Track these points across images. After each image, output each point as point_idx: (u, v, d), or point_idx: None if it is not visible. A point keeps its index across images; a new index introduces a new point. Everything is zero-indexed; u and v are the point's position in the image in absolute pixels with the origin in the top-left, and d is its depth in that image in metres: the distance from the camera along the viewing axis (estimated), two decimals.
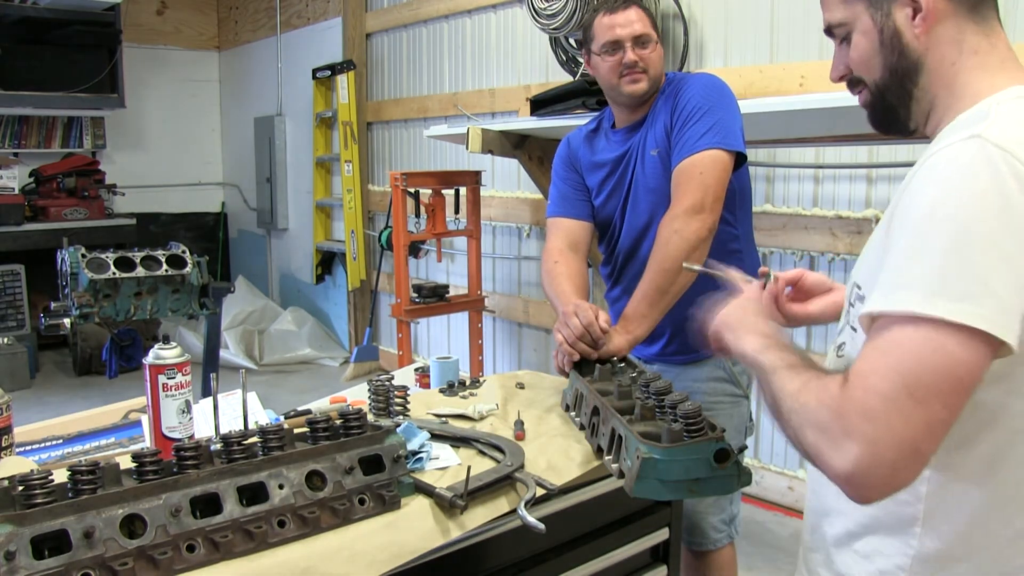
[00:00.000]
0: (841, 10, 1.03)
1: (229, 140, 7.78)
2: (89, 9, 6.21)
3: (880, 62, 1.01)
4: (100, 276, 3.14)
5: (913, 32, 0.97)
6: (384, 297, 5.62)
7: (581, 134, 2.19)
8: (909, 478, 0.85)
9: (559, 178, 2.18)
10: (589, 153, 2.14)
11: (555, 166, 2.21)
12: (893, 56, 0.99)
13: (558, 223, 2.14)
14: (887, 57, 1.00)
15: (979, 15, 0.97)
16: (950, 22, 0.97)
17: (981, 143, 0.85)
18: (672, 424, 1.29)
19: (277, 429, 1.24)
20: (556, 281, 2.01)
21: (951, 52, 0.97)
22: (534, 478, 1.37)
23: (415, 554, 1.24)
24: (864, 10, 1.00)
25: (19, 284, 5.83)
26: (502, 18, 4.67)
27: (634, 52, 1.95)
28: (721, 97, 1.93)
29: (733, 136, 1.88)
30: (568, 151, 2.19)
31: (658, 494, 1.26)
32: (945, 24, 0.96)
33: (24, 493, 1.05)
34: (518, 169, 4.40)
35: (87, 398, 5.09)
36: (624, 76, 1.97)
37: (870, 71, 1.02)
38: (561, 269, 2.03)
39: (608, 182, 2.08)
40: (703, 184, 1.84)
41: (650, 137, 2.00)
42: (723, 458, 1.23)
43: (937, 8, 0.96)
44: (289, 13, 6.65)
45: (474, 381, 1.97)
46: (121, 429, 1.74)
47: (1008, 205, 0.82)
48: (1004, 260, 0.82)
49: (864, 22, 1.01)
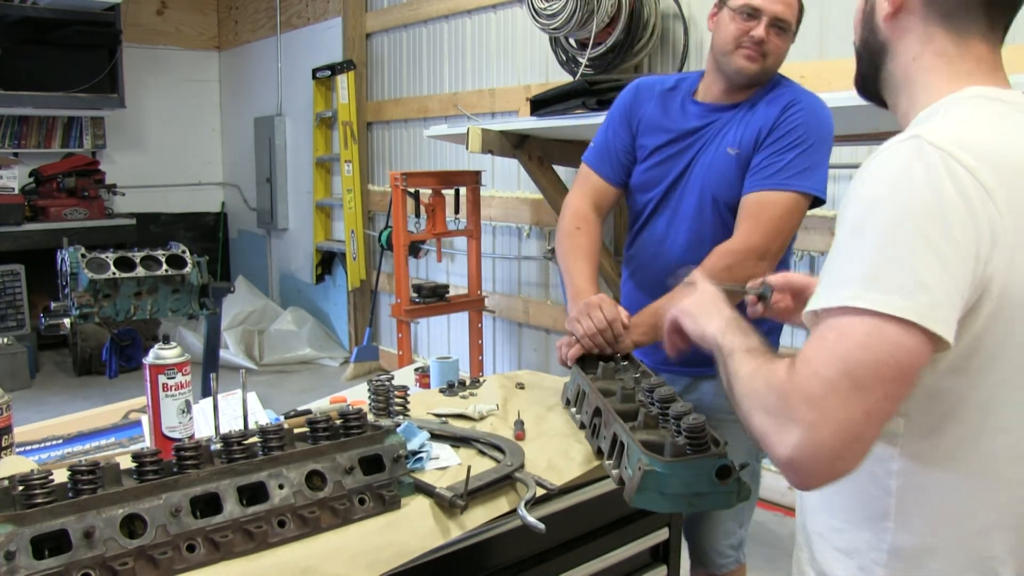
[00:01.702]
0: None
1: (229, 140, 7.78)
2: (89, 9, 6.21)
3: (859, 28, 1.09)
4: (100, 276, 3.14)
5: (882, 12, 1.02)
6: (384, 297, 5.62)
7: (656, 88, 1.97)
8: (850, 465, 0.86)
9: (610, 128, 1.99)
10: (658, 112, 1.93)
11: (612, 111, 2.01)
12: (866, 30, 1.07)
13: (590, 177, 1.99)
14: (864, 29, 1.07)
15: (952, 23, 0.99)
16: (917, 18, 1.00)
17: (919, 143, 0.88)
18: (675, 438, 1.27)
19: (277, 429, 1.24)
20: (571, 255, 1.90)
21: (915, 47, 1.01)
22: (534, 478, 1.37)
23: (415, 554, 1.24)
24: None
25: (19, 284, 5.83)
26: (502, 18, 4.67)
27: (767, 30, 1.77)
28: (827, 134, 1.80)
29: (823, 183, 1.77)
30: (632, 99, 1.98)
31: (658, 506, 1.26)
32: (912, 18, 1.00)
33: (24, 493, 1.05)
34: (518, 169, 4.40)
35: (87, 398, 5.09)
36: (743, 47, 1.79)
37: (855, 32, 1.10)
38: (579, 241, 1.91)
39: (662, 152, 1.91)
40: (778, 229, 1.73)
41: (734, 130, 1.83)
42: (725, 475, 1.22)
43: (906, 1, 1.00)
44: (289, 13, 6.65)
45: (474, 381, 1.97)
46: (121, 429, 1.74)
47: (941, 203, 0.85)
48: (936, 256, 0.84)
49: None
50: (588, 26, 3.40)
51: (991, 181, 0.87)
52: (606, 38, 3.46)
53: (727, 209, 1.84)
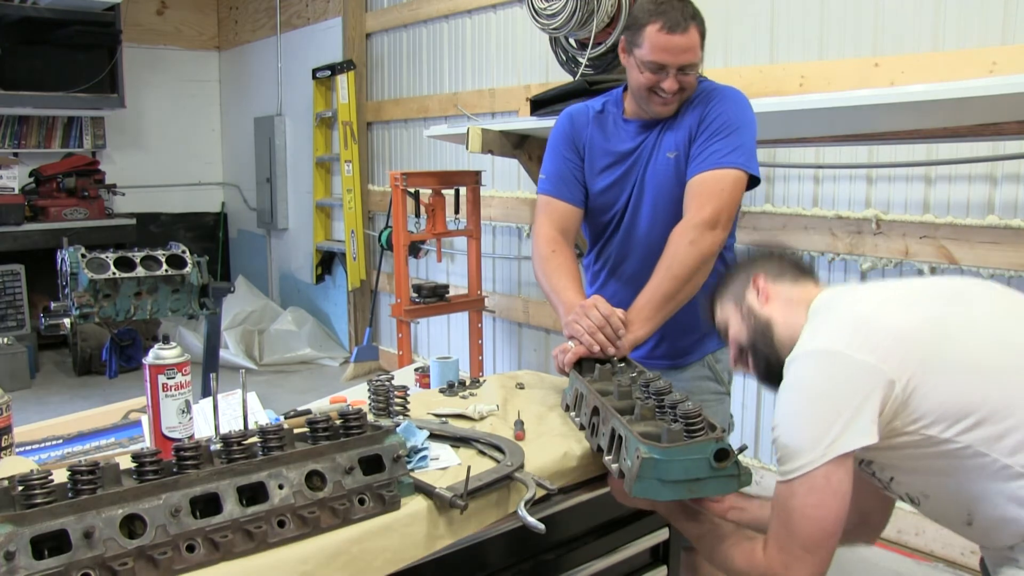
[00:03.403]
0: (721, 314, 1.56)
1: (229, 140, 7.78)
2: (89, 9, 6.21)
3: (746, 327, 1.49)
4: (100, 276, 3.14)
5: (759, 303, 1.48)
6: (384, 297, 5.62)
7: (588, 113, 2.09)
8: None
9: (558, 155, 2.09)
10: (598, 136, 2.05)
11: (554, 141, 2.11)
12: (751, 320, 1.48)
13: (551, 204, 2.07)
14: (748, 322, 1.48)
15: (797, 282, 1.48)
16: (777, 293, 1.47)
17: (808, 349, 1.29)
18: (672, 424, 1.29)
19: (277, 429, 1.24)
20: (555, 274, 1.97)
21: (783, 307, 1.45)
22: (534, 478, 1.37)
23: (415, 554, 1.24)
24: (732, 307, 1.53)
25: (19, 284, 5.83)
26: (502, 18, 4.67)
27: (676, 79, 1.87)
28: (749, 119, 1.93)
29: (754, 160, 1.91)
30: (571, 128, 2.09)
31: (658, 494, 1.26)
32: (775, 294, 1.47)
33: (24, 493, 1.05)
34: (518, 169, 4.40)
35: (87, 398, 5.09)
36: (656, 95, 1.90)
37: (743, 337, 1.49)
38: (559, 261, 1.99)
39: (611, 172, 2.02)
40: (722, 200, 1.86)
41: (669, 137, 1.95)
42: (723, 458, 1.23)
43: (769, 287, 1.48)
44: (289, 13, 6.65)
45: (474, 381, 1.97)
46: (121, 429, 1.74)
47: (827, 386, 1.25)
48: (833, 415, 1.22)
49: (734, 314, 1.52)
50: (588, 26, 3.40)
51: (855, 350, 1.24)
52: (606, 38, 3.45)
53: (679, 207, 1.94)
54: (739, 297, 1.51)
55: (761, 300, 1.47)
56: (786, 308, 1.44)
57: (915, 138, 2.73)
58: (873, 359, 1.21)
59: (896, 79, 2.84)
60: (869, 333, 1.23)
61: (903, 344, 1.22)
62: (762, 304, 1.47)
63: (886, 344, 1.22)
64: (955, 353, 1.23)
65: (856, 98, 2.40)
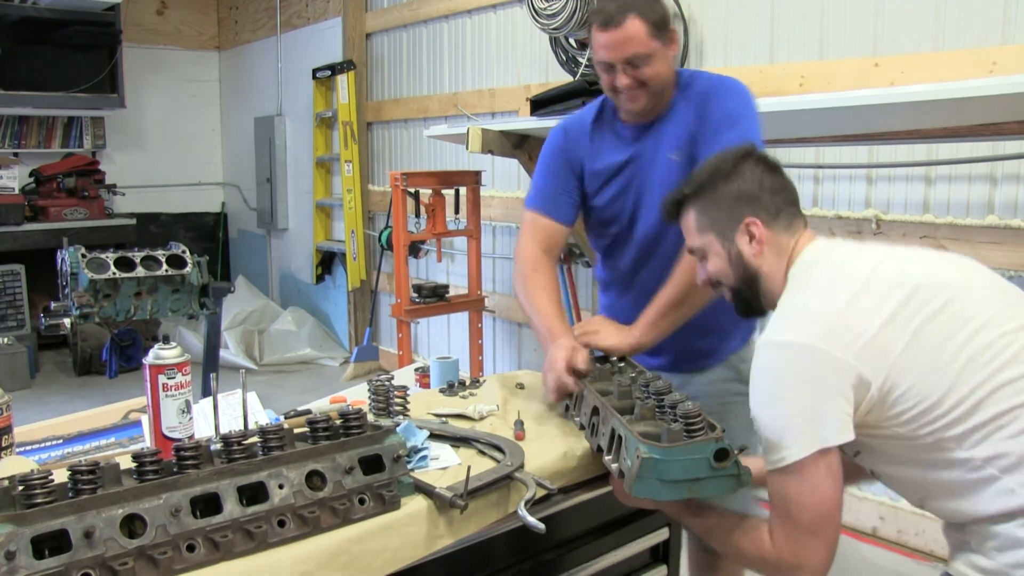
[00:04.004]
0: (698, 239, 1.46)
1: (229, 140, 7.78)
2: (89, 9, 6.21)
3: (731, 273, 1.43)
4: (100, 276, 3.14)
5: (751, 252, 1.40)
6: (384, 297, 5.62)
7: (584, 125, 2.02)
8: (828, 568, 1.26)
9: (548, 171, 2.03)
10: (594, 149, 1.99)
11: (545, 156, 2.05)
12: (739, 269, 1.41)
13: (537, 221, 2.02)
14: (736, 270, 1.42)
15: (790, 228, 1.41)
16: (773, 242, 1.39)
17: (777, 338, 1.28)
18: (672, 424, 1.29)
19: (277, 429, 1.24)
20: (535, 295, 1.94)
21: (775, 260, 1.40)
22: (534, 478, 1.37)
23: (415, 554, 1.24)
24: (714, 239, 1.43)
25: (19, 284, 5.83)
26: (502, 18, 4.67)
27: (627, 74, 1.81)
28: (752, 108, 1.87)
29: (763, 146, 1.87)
30: (565, 142, 2.03)
31: (658, 494, 1.26)
32: (770, 244, 1.39)
33: (24, 493, 1.05)
34: (518, 169, 4.40)
35: (87, 398, 5.09)
36: (619, 95, 1.86)
37: (726, 279, 1.44)
38: (539, 281, 1.96)
39: (615, 182, 1.97)
40: None
41: (667, 138, 1.90)
42: (723, 457, 1.24)
43: (765, 236, 1.39)
44: (289, 13, 6.65)
45: (474, 381, 1.97)
46: (121, 429, 1.74)
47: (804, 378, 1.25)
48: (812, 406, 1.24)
49: (715, 247, 1.43)
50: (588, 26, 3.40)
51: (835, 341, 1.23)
52: None
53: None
54: (725, 234, 1.42)
55: (754, 250, 1.40)
56: (777, 259, 1.39)
57: (915, 138, 2.74)
58: (850, 357, 1.21)
59: (896, 79, 2.84)
60: (846, 331, 1.23)
61: (877, 346, 1.22)
62: (754, 253, 1.40)
63: (861, 343, 1.22)
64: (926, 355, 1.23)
65: (856, 98, 2.40)
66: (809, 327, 1.26)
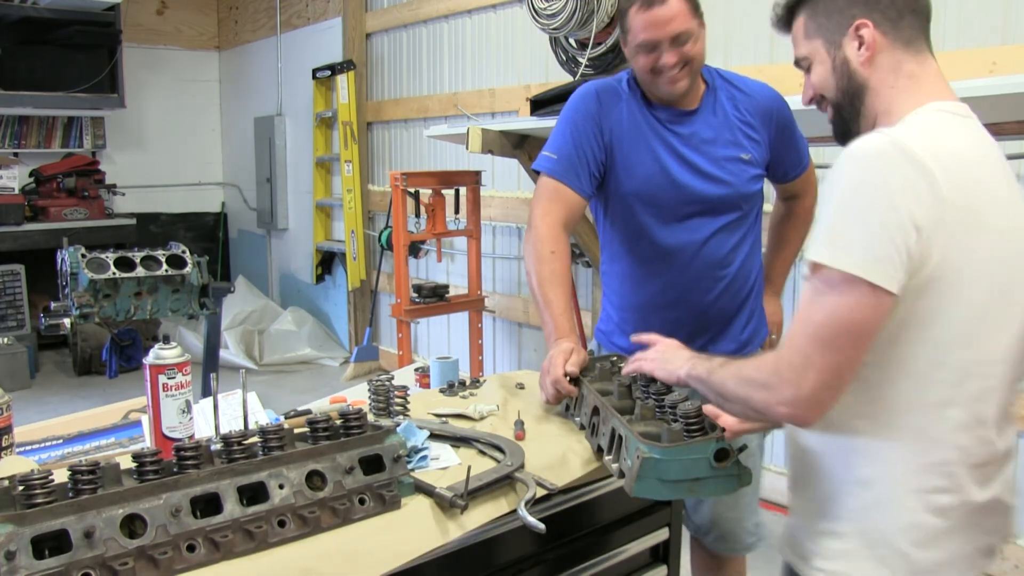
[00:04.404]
0: (805, 46, 1.28)
1: (229, 140, 7.78)
2: (89, 9, 6.21)
3: (834, 84, 1.25)
4: (100, 276, 3.14)
5: (859, 60, 1.21)
6: (384, 297, 5.62)
7: (619, 95, 1.91)
8: (831, 402, 1.11)
9: (578, 132, 1.87)
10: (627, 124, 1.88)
11: (572, 117, 1.90)
12: (844, 80, 1.24)
13: (560, 191, 1.86)
14: (839, 80, 1.24)
15: (913, 47, 1.21)
16: (888, 53, 1.20)
17: (880, 135, 1.10)
18: (672, 424, 1.29)
19: (277, 429, 1.24)
20: (547, 284, 1.82)
21: (889, 77, 1.21)
22: (534, 478, 1.37)
23: (415, 554, 1.24)
24: (821, 45, 1.25)
25: (19, 284, 5.83)
26: (502, 18, 4.67)
27: (673, 52, 1.77)
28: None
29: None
30: (597, 108, 1.89)
31: (658, 494, 1.26)
32: (884, 54, 1.20)
33: (24, 493, 1.05)
34: (518, 169, 4.40)
35: (87, 398, 5.09)
36: (661, 75, 1.80)
37: (828, 91, 1.27)
38: (555, 267, 1.83)
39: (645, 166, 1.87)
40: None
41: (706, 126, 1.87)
42: (723, 457, 1.24)
43: (877, 42, 1.20)
44: (289, 13, 6.65)
45: (474, 381, 1.97)
46: (121, 429, 1.74)
47: (885, 182, 1.06)
48: (880, 224, 1.05)
49: (821, 54, 1.26)
50: (588, 26, 3.40)
51: (938, 172, 1.06)
52: (606, 38, 3.45)
53: (741, 200, 1.93)
54: (833, 38, 1.23)
55: (862, 57, 1.20)
56: (892, 77, 1.20)
57: None
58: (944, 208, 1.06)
59: None
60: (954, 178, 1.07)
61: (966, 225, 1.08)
62: (862, 62, 1.21)
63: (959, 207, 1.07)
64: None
65: None
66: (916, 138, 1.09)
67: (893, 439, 1.14)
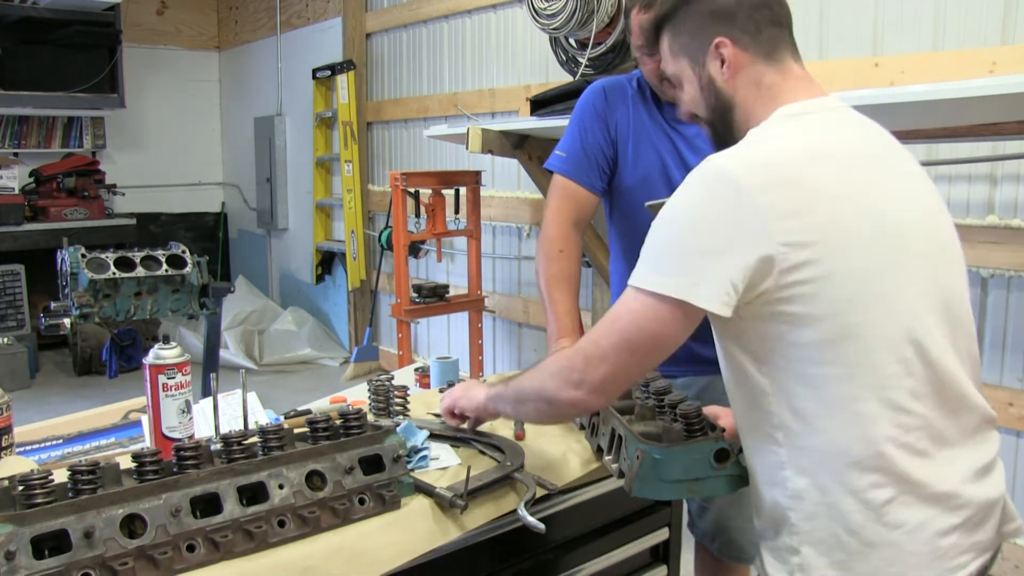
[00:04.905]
0: (672, 65, 1.30)
1: (229, 140, 7.78)
2: (89, 9, 6.21)
3: (704, 102, 1.26)
4: (100, 276, 3.14)
5: (723, 78, 1.22)
6: (384, 297, 5.62)
7: (625, 92, 1.90)
8: (615, 393, 1.21)
9: (588, 131, 1.88)
10: (633, 120, 1.88)
11: (581, 116, 1.91)
12: (712, 98, 1.25)
13: (570, 189, 1.87)
14: (708, 99, 1.25)
15: (773, 58, 1.21)
16: (749, 68, 1.21)
17: (707, 164, 1.12)
18: (672, 424, 1.29)
19: (277, 429, 1.24)
20: (553, 283, 1.82)
21: (752, 91, 1.21)
22: (534, 478, 1.37)
23: (415, 554, 1.24)
24: (687, 64, 1.26)
25: (19, 284, 5.83)
26: (502, 18, 4.67)
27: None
28: None
29: None
30: (604, 105, 1.89)
31: (658, 494, 1.26)
32: (745, 70, 1.21)
33: (24, 493, 1.05)
34: (518, 169, 4.40)
35: (87, 398, 5.08)
36: (663, 81, 1.75)
37: (699, 110, 1.28)
38: (563, 266, 1.83)
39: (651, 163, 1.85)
40: None
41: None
42: (723, 458, 1.24)
43: (738, 58, 1.21)
44: (289, 13, 6.65)
45: None
46: (121, 429, 1.74)
47: (708, 213, 1.10)
48: (702, 251, 1.09)
49: (688, 73, 1.27)
50: (588, 26, 3.40)
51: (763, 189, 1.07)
52: (606, 38, 3.45)
53: None
54: (696, 57, 1.24)
55: (725, 75, 1.22)
56: (755, 92, 1.21)
57: (915, 138, 2.73)
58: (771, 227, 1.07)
59: (896, 79, 2.83)
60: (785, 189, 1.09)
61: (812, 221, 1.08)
62: (726, 79, 1.22)
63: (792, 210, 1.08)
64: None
65: (856, 98, 2.39)
66: (745, 156, 1.12)
67: (811, 446, 1.12)
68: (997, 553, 1.21)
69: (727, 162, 1.11)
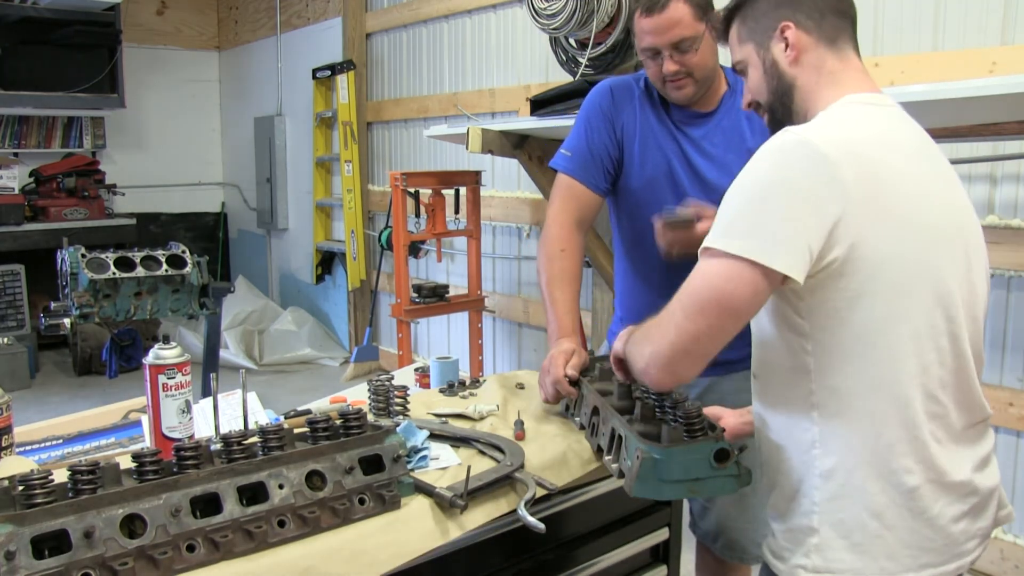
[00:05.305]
0: (739, 51, 1.34)
1: (229, 140, 7.78)
2: (89, 9, 6.21)
3: (766, 86, 1.30)
4: (100, 276, 3.14)
5: (786, 60, 1.27)
6: (384, 297, 5.62)
7: (631, 92, 1.90)
8: (686, 373, 1.19)
9: (592, 130, 1.88)
10: (639, 121, 1.88)
11: (587, 115, 1.91)
12: (774, 80, 1.29)
13: (573, 188, 1.87)
14: (770, 81, 1.29)
15: (836, 46, 1.26)
16: (812, 52, 1.26)
17: (787, 133, 1.16)
18: (672, 424, 1.29)
19: (277, 429, 1.24)
20: (554, 282, 1.83)
21: (814, 75, 1.26)
22: (534, 478, 1.37)
23: (415, 554, 1.24)
24: (752, 49, 1.31)
25: (19, 284, 5.83)
26: (502, 18, 4.67)
27: (673, 60, 1.76)
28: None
29: None
30: (611, 105, 1.90)
31: (658, 494, 1.26)
32: (808, 54, 1.26)
33: (24, 493, 1.05)
34: (518, 169, 4.40)
35: (87, 398, 5.09)
36: (667, 83, 1.80)
37: (761, 95, 1.32)
38: (563, 266, 1.83)
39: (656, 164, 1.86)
40: None
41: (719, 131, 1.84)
42: (723, 458, 1.23)
43: (801, 41, 1.25)
44: (289, 13, 6.65)
45: (474, 381, 1.97)
46: (121, 429, 1.74)
47: (787, 179, 1.12)
48: (781, 216, 1.10)
49: (753, 58, 1.31)
50: (588, 26, 3.40)
51: (840, 162, 1.10)
52: (606, 38, 3.45)
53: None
54: (762, 41, 1.29)
55: (789, 57, 1.26)
56: (816, 76, 1.25)
57: None
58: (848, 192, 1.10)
59: (896, 79, 2.83)
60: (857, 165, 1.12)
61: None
62: (789, 62, 1.26)
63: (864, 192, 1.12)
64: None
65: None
66: (821, 132, 1.15)
67: (845, 426, 1.15)
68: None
69: (807, 134, 1.14)
